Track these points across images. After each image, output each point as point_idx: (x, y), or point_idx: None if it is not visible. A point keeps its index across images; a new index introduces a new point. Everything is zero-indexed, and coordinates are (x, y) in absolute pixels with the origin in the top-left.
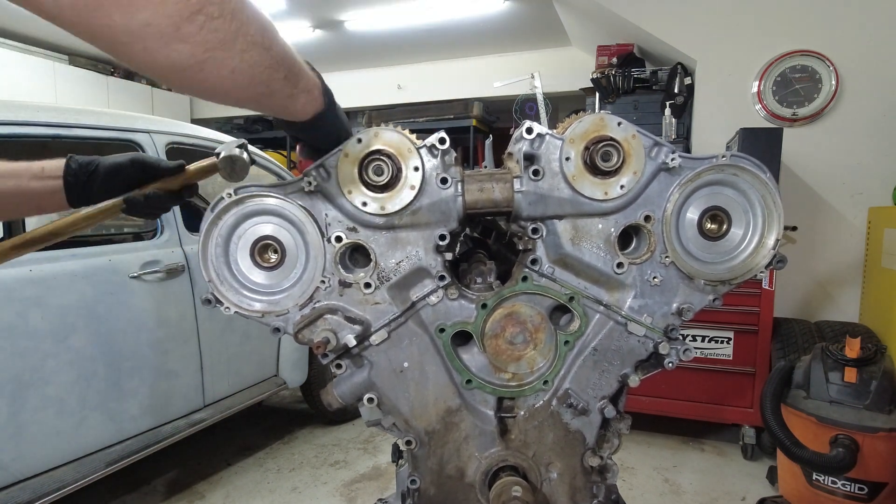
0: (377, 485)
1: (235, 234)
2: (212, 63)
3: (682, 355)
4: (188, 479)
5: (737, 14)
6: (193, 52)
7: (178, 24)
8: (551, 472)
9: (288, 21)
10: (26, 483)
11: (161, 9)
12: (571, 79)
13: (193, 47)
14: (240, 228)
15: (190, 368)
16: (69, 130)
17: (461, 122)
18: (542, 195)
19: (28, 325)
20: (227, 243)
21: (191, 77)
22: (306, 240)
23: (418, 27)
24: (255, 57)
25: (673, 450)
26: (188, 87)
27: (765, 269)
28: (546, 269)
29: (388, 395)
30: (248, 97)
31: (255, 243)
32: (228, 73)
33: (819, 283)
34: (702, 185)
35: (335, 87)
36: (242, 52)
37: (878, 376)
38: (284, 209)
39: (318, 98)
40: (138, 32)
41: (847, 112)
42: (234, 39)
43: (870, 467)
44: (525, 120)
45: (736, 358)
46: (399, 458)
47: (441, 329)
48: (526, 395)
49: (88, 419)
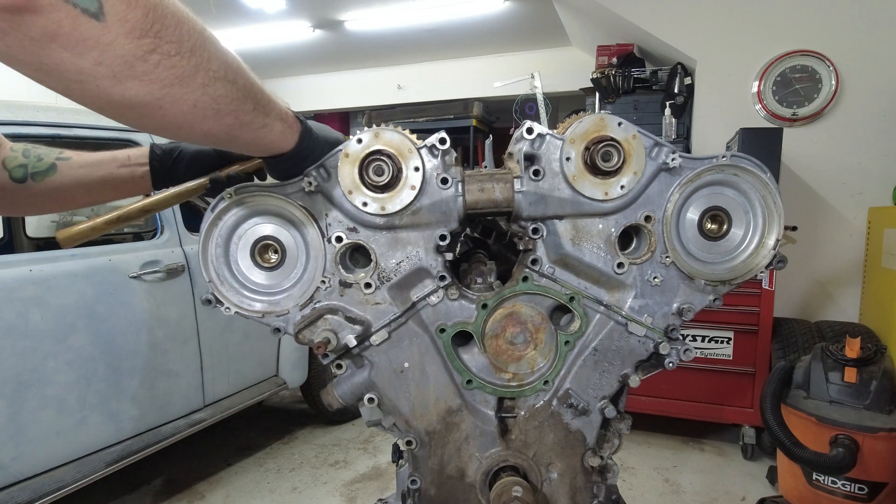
0: (377, 485)
1: (236, 235)
2: (170, 99)
3: (683, 355)
4: (188, 479)
5: (737, 14)
6: (150, 90)
7: (131, 62)
8: (552, 473)
9: (288, 21)
10: (26, 483)
11: (112, 48)
12: (571, 79)
13: (149, 85)
14: (240, 228)
15: (190, 368)
16: (69, 130)
17: (461, 122)
18: (543, 195)
19: (28, 325)
20: (227, 243)
21: (150, 114)
22: (307, 240)
23: (418, 27)
24: (220, 90)
25: (673, 450)
26: (149, 124)
27: (765, 269)
28: (546, 269)
29: (388, 395)
30: (217, 130)
31: (256, 243)
32: (190, 108)
33: (819, 283)
34: (702, 185)
35: (335, 87)
36: (204, 86)
37: (878, 376)
38: (285, 209)
39: (294, 123)
40: (90, 71)
41: (847, 112)
42: (194, 75)
43: (870, 467)
44: (525, 120)
45: (736, 358)
46: (399, 459)
47: (441, 329)
48: (526, 395)
49: (88, 419)
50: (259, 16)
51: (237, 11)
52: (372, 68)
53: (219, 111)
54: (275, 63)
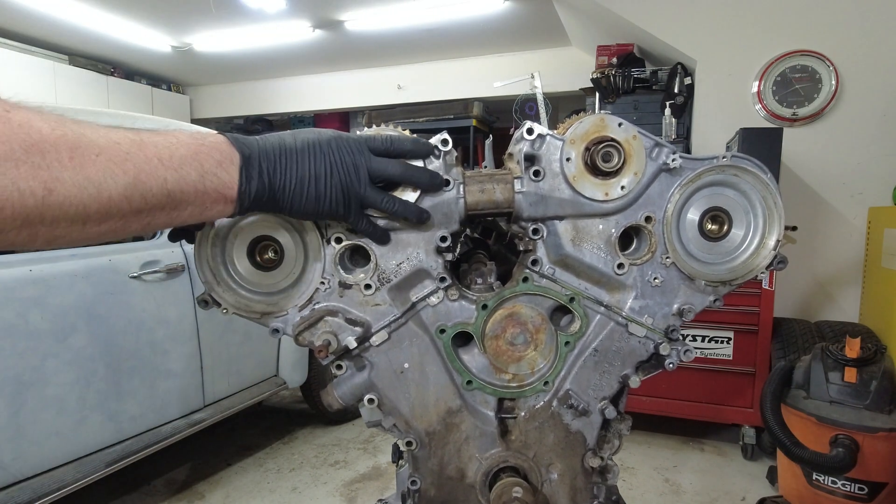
0: (377, 485)
1: (232, 234)
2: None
3: (683, 356)
4: (188, 479)
5: (737, 14)
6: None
7: None
8: (552, 473)
9: (288, 21)
10: (26, 483)
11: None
12: (571, 79)
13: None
14: (236, 227)
15: (190, 368)
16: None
17: (461, 122)
18: (543, 196)
19: (28, 325)
20: (223, 243)
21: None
22: (305, 240)
23: (418, 27)
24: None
25: (673, 450)
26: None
27: (765, 269)
28: (547, 269)
29: (388, 395)
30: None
31: (253, 243)
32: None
33: (819, 283)
34: (702, 185)
35: (335, 87)
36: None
37: (878, 376)
38: None
39: (228, 153)
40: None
41: (847, 112)
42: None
43: (870, 467)
44: (525, 120)
45: (736, 358)
46: (399, 459)
47: (441, 330)
48: (526, 395)
49: (88, 419)
50: (259, 16)
51: (237, 11)
52: (372, 68)
53: (107, 233)
54: (275, 63)
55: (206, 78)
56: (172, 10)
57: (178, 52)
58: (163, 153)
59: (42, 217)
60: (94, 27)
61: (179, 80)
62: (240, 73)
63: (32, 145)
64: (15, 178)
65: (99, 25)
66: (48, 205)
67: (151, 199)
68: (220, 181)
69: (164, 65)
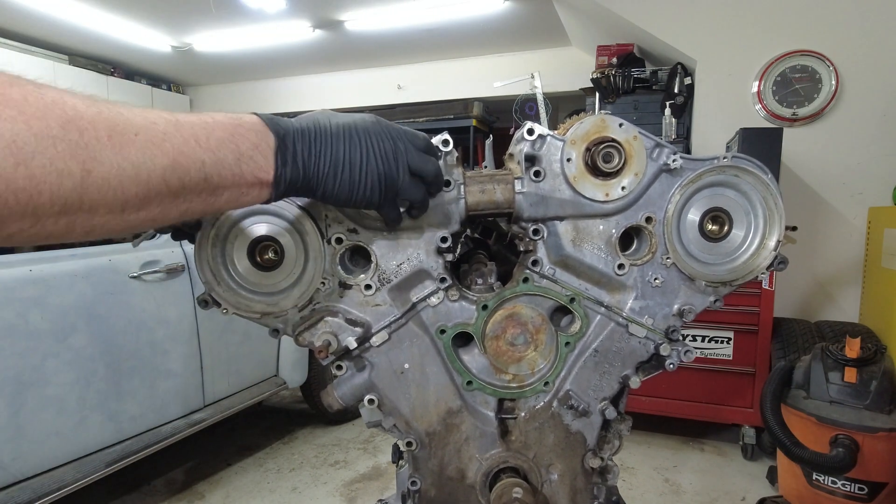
0: (377, 485)
1: (232, 234)
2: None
3: (683, 356)
4: (188, 479)
5: (737, 14)
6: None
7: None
8: (552, 474)
9: (288, 21)
10: (26, 483)
11: None
12: (571, 79)
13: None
14: (237, 228)
15: (190, 368)
16: None
17: (461, 122)
18: (544, 196)
19: (28, 325)
20: (223, 243)
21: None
22: (306, 240)
23: (418, 27)
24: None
25: (673, 450)
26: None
27: (766, 270)
28: (547, 270)
29: (388, 396)
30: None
31: (254, 243)
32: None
33: (819, 283)
34: (703, 186)
35: (335, 87)
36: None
37: (878, 376)
38: (283, 210)
39: (264, 135)
40: None
41: (847, 112)
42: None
43: (870, 467)
44: (525, 120)
45: (736, 358)
46: (399, 459)
47: (442, 330)
48: (527, 396)
49: (88, 419)
50: (259, 16)
51: (237, 11)
52: (372, 68)
53: (146, 221)
54: (275, 63)
55: (206, 78)
56: (172, 10)
57: (178, 52)
58: (199, 134)
59: (81, 202)
60: (94, 27)
61: (179, 80)
62: (240, 73)
63: (69, 121)
64: (53, 157)
65: (99, 25)
66: (87, 187)
67: (189, 182)
68: (257, 165)
69: (164, 65)
